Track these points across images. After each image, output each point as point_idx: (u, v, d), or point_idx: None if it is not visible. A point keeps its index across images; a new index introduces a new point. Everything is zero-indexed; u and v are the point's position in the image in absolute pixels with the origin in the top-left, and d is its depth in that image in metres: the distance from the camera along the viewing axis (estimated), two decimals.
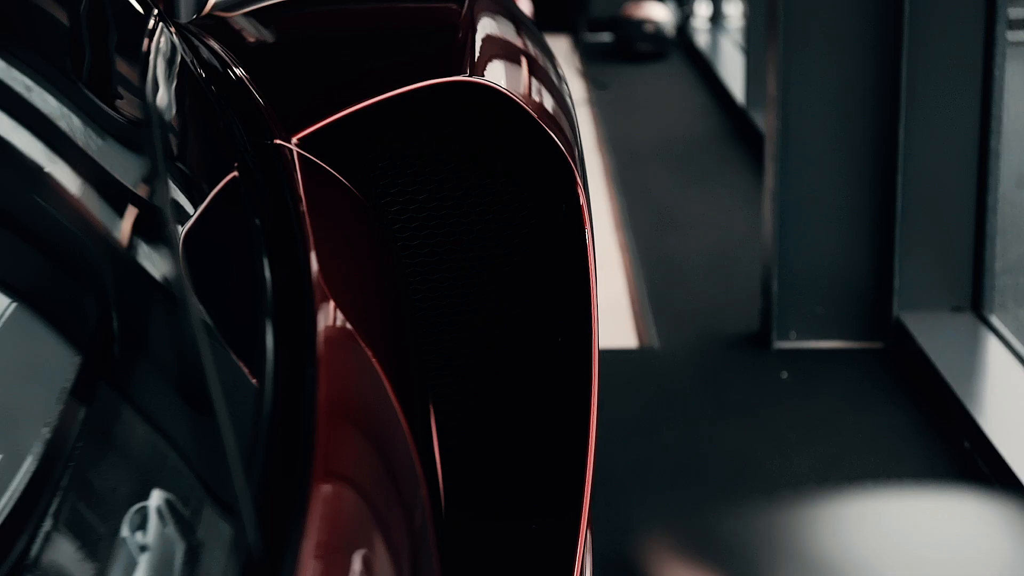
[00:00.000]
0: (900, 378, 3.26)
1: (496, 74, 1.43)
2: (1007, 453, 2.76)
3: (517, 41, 1.59)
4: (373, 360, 1.11)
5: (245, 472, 0.87)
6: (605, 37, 7.97)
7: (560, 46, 7.88)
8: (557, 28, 8.22)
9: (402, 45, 1.52)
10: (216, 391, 0.90)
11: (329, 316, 1.10)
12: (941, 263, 3.41)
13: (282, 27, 1.58)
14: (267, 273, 1.10)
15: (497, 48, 1.52)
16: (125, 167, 0.96)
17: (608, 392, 3.19)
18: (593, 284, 1.44)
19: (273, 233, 1.15)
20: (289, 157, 1.30)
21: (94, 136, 0.93)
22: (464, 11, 1.53)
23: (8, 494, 0.72)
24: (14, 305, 0.79)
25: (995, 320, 3.35)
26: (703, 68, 6.95)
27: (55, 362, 0.80)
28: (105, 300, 0.87)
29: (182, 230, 0.99)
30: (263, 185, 1.23)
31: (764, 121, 3.57)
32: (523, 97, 1.43)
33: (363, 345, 1.12)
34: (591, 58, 7.54)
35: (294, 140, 1.34)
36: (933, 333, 3.32)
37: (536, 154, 1.45)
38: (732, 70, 6.46)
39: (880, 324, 3.45)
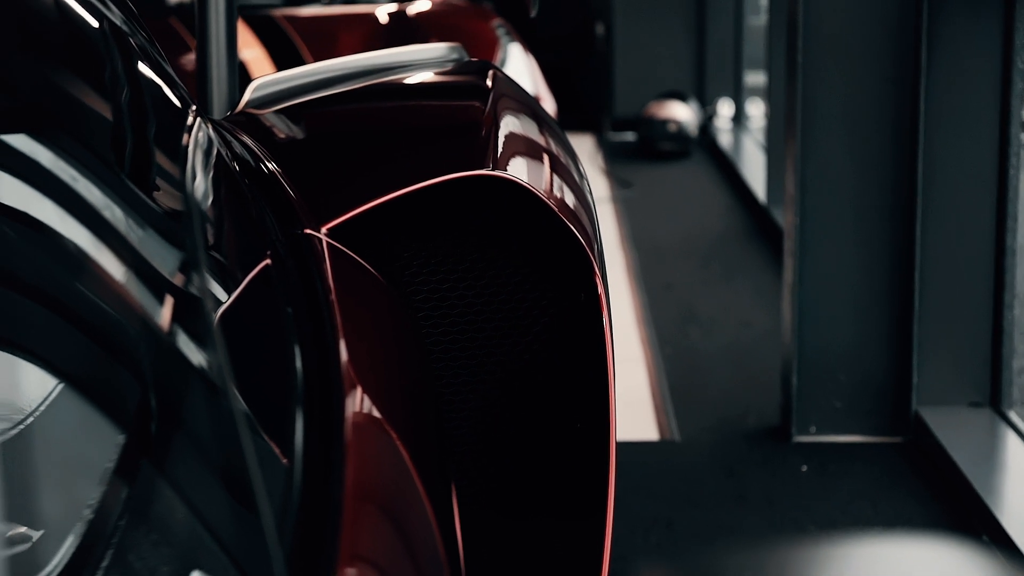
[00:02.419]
0: (919, 472, 3.28)
1: (518, 169, 1.48)
2: None
3: (539, 138, 1.63)
4: (399, 444, 1.15)
5: (279, 553, 0.90)
6: (628, 136, 8.03)
7: (584, 145, 7.94)
8: (581, 127, 8.29)
9: (427, 141, 1.56)
10: (253, 474, 0.93)
11: (356, 402, 1.13)
12: (959, 359, 3.43)
13: (312, 124, 1.62)
14: (298, 359, 1.13)
15: (519, 144, 1.56)
16: (165, 255, 1.00)
17: (628, 483, 3.21)
18: (611, 370, 1.48)
19: (304, 320, 1.19)
20: (319, 247, 1.34)
21: (135, 225, 0.97)
22: (487, 109, 1.57)
23: (47, 572, 0.74)
24: (59, 387, 0.82)
25: (1014, 416, 3.37)
26: (726, 167, 6.99)
27: (97, 443, 0.82)
28: (145, 384, 0.90)
29: (217, 316, 1.03)
30: (294, 274, 1.26)
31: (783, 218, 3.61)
32: (544, 191, 1.46)
33: (389, 430, 1.15)
34: (614, 157, 7.60)
35: (324, 230, 1.38)
36: (952, 428, 3.34)
37: (556, 246, 1.49)
38: (754, 169, 6.49)
39: (899, 419, 3.47)
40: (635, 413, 3.76)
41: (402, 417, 1.21)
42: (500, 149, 1.49)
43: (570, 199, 1.52)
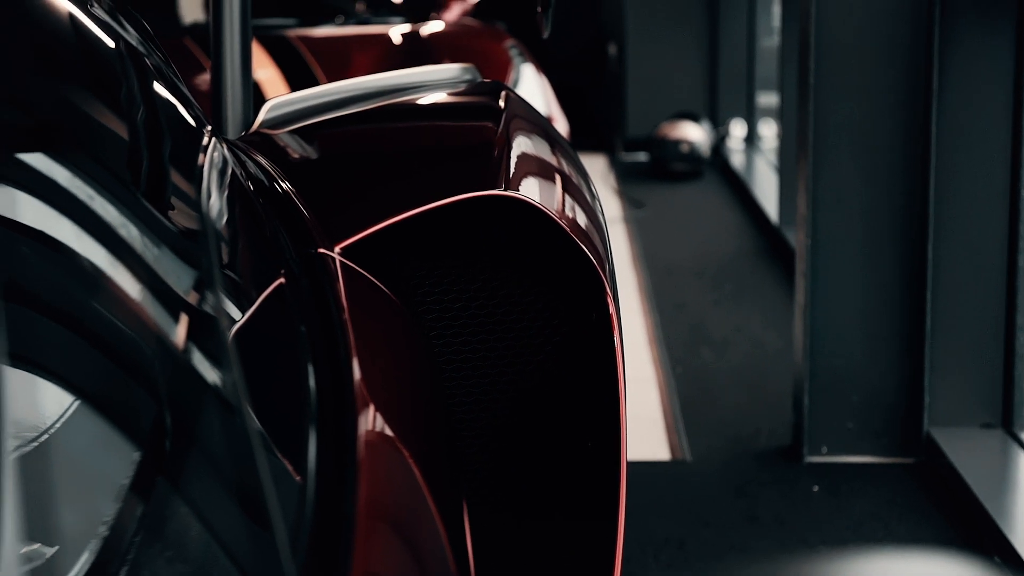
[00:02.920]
0: (931, 493, 3.28)
1: (530, 189, 1.49)
2: None
3: (551, 159, 1.63)
4: (411, 462, 1.15)
5: (292, 570, 0.91)
6: (641, 157, 8.04)
7: (596, 165, 7.95)
8: (593, 148, 8.30)
9: (440, 161, 1.57)
10: (266, 491, 0.94)
11: (369, 420, 1.14)
12: (971, 380, 3.43)
13: (325, 144, 1.63)
14: (311, 377, 1.14)
15: (531, 165, 1.57)
16: (180, 274, 1.01)
17: (639, 502, 3.21)
18: (622, 389, 1.49)
19: (317, 339, 1.20)
20: (332, 266, 1.35)
21: (151, 244, 0.98)
22: (500, 130, 1.58)
23: None
24: (75, 404, 0.82)
25: None
26: (738, 187, 6.99)
27: (112, 460, 0.83)
28: (160, 401, 0.91)
29: (231, 335, 1.04)
30: (308, 293, 1.27)
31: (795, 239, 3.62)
32: (556, 212, 1.47)
33: (401, 448, 1.16)
34: (627, 177, 7.61)
35: (337, 249, 1.39)
36: (964, 449, 3.34)
37: (568, 266, 1.50)
38: (767, 189, 6.50)
39: (911, 440, 3.47)
40: (646, 432, 3.76)
41: (414, 435, 1.21)
42: (512, 169, 1.50)
43: (582, 219, 1.53)
